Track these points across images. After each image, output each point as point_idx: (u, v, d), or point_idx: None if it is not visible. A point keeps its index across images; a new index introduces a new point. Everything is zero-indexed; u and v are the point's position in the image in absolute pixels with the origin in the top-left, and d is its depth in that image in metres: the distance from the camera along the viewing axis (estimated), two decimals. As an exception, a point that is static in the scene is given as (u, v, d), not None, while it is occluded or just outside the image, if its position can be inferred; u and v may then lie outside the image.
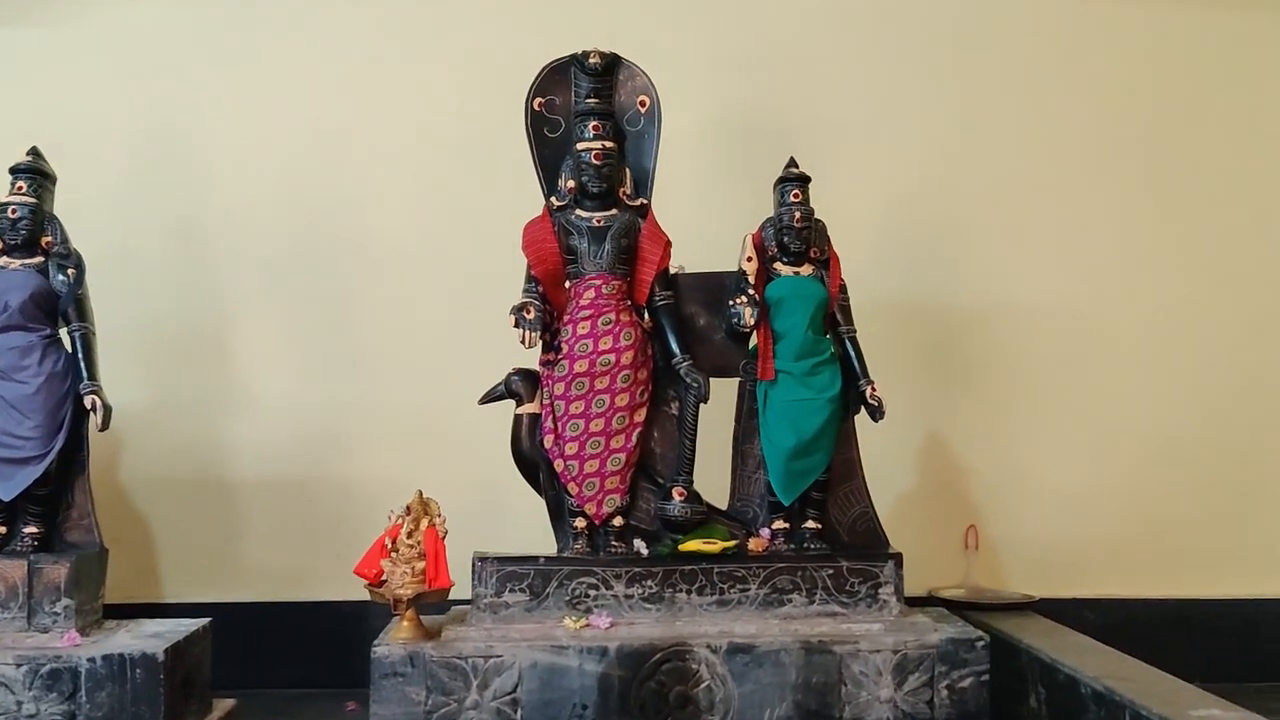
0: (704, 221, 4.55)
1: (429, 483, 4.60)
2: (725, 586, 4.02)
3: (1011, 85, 5.20)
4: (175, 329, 4.96)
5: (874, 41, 5.19)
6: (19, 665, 3.77)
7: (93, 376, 4.09)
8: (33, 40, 5.03)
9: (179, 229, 5.01)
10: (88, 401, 4.05)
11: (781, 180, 4.23)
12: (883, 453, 4.81)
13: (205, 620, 4.21)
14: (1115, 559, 5.09)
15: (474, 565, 4.00)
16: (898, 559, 4.08)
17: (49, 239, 4.15)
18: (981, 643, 3.93)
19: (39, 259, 4.13)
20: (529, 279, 4.11)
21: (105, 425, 4.06)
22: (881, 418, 4.13)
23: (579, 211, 4.14)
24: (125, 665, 3.78)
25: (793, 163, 4.26)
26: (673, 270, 4.20)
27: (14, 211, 4.09)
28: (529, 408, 4.14)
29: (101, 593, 4.13)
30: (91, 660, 3.78)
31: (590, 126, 4.12)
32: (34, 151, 4.18)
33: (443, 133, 5.03)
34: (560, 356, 4.08)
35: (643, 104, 4.21)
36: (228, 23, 5.10)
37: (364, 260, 5.03)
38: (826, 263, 4.22)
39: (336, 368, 5.00)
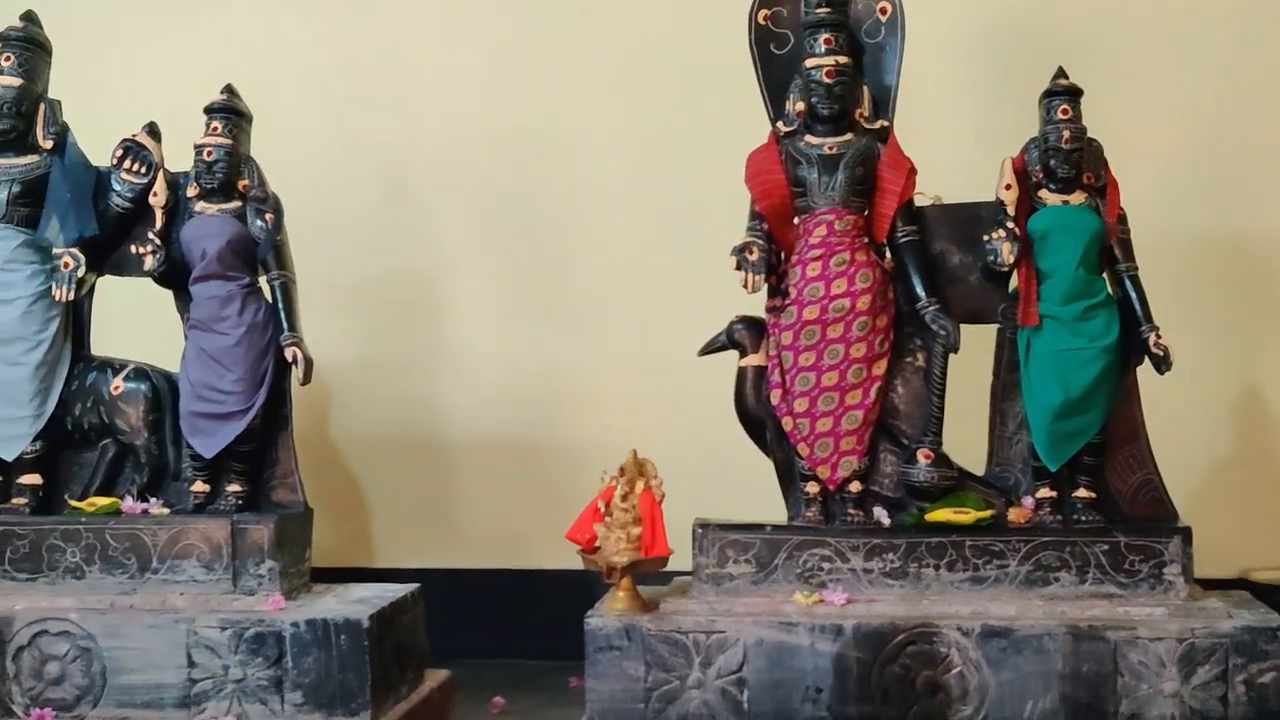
0: (961, 146, 4.36)
1: (655, 443, 4.53)
2: (980, 562, 3.83)
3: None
4: (382, 281, 5.02)
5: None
6: (224, 629, 3.89)
7: (293, 328, 4.13)
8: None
9: (381, 174, 5.05)
10: (289, 354, 4.09)
11: (1047, 94, 3.95)
12: (1188, 411, 4.57)
13: (414, 586, 4.24)
14: None
15: (694, 533, 3.92)
16: (1186, 534, 3.79)
17: (245, 182, 4.18)
18: (1285, 632, 3.61)
19: (236, 204, 4.17)
20: (753, 215, 3.98)
21: (307, 379, 4.10)
22: (1168, 369, 3.84)
23: (809, 138, 3.97)
24: (330, 631, 3.85)
25: (1061, 73, 3.96)
26: (928, 201, 3.99)
27: (209, 154, 4.12)
28: (754, 359, 4.02)
29: (307, 555, 4.21)
30: (295, 625, 3.86)
31: (821, 40, 3.92)
32: (229, 89, 4.21)
33: (656, 56, 4.91)
34: (788, 302, 3.94)
35: (884, 11, 4.01)
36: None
37: (580, 202, 4.99)
38: (1103, 190, 3.93)
39: (554, 320, 4.99)
